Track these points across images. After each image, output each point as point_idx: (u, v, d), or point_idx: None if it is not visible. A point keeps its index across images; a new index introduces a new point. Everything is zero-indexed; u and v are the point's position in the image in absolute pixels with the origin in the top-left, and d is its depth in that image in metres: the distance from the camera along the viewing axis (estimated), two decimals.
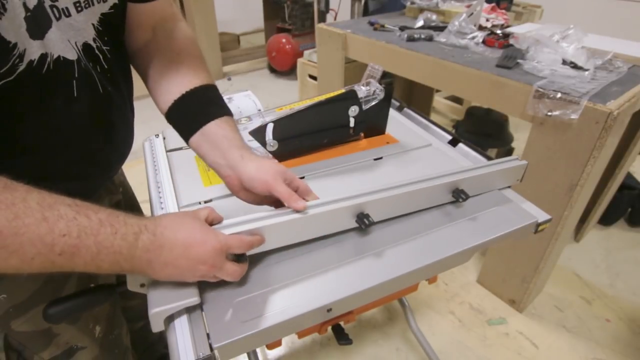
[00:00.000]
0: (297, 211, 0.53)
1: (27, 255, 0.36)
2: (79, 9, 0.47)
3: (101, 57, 0.53)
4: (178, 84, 0.57)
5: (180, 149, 0.86)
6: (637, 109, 1.08)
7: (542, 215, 0.67)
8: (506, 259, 1.36)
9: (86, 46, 0.50)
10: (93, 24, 0.50)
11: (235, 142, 0.55)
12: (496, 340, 1.32)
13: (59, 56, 0.46)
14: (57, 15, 0.45)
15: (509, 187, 0.74)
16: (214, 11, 3.17)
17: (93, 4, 0.49)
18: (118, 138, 0.60)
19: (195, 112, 0.57)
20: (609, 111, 0.93)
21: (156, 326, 0.47)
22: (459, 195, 0.65)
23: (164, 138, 0.89)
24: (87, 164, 0.56)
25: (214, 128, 0.56)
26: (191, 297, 0.48)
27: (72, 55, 0.48)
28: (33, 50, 0.42)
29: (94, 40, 0.51)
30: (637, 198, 1.75)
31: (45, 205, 0.37)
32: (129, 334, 0.80)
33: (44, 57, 0.44)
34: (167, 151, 0.84)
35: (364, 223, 0.57)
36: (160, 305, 0.46)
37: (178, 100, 0.57)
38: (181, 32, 0.63)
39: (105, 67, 0.54)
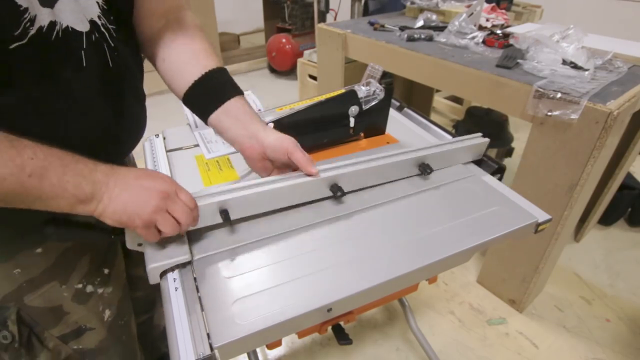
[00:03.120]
0: (310, 175, 0.62)
1: (0, 176, 0.39)
2: None
3: (107, 34, 0.54)
4: (194, 67, 0.62)
5: (181, 149, 0.86)
6: (637, 109, 1.08)
7: (542, 215, 0.67)
8: (506, 259, 1.36)
9: (92, 23, 0.52)
10: (97, 2, 0.52)
11: (255, 116, 0.62)
12: (496, 340, 1.32)
13: (67, 26, 0.48)
14: None
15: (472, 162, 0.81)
16: (214, 11, 3.17)
17: None
18: (129, 115, 0.62)
19: (215, 91, 0.62)
20: (609, 111, 0.93)
21: (153, 279, 0.53)
22: (424, 169, 0.73)
23: (164, 138, 0.89)
24: (99, 134, 0.58)
25: (235, 104, 0.61)
26: (183, 255, 0.53)
27: (81, 27, 0.50)
28: (43, 16, 0.44)
29: (99, 17, 0.53)
30: (637, 198, 1.75)
31: (11, 137, 0.41)
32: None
33: (52, 24, 0.46)
34: (167, 151, 0.84)
35: (337, 192, 0.65)
36: (156, 261, 0.52)
37: (197, 81, 0.61)
38: (191, 19, 0.67)
39: (112, 45, 0.55)
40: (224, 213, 0.58)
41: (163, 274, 0.54)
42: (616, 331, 1.36)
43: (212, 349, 0.45)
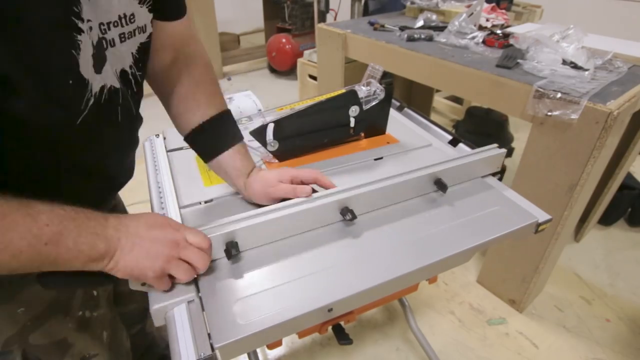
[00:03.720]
0: (308, 196, 0.60)
1: (17, 249, 0.39)
2: (123, 39, 0.50)
3: (133, 81, 0.55)
4: (195, 113, 0.63)
5: (181, 149, 0.86)
6: (637, 109, 1.08)
7: (542, 215, 0.67)
8: (506, 259, 1.36)
9: (122, 72, 0.52)
10: (132, 53, 0.53)
11: (242, 171, 0.64)
12: (496, 340, 1.32)
13: (111, 85, 0.49)
14: (106, 47, 0.47)
15: (492, 175, 0.78)
16: (214, 11, 3.17)
17: (134, 35, 0.52)
18: (131, 155, 0.65)
19: (211, 143, 0.65)
20: (609, 111, 0.93)
21: (158, 321, 0.50)
22: (440, 186, 0.69)
23: (164, 138, 0.89)
24: (118, 176, 0.62)
25: (226, 159, 0.64)
26: (189, 293, 0.51)
27: (117, 83, 0.51)
28: (96, 83, 0.46)
29: (130, 67, 0.54)
30: (637, 198, 1.75)
31: (24, 204, 0.40)
32: (129, 338, 0.81)
33: (102, 88, 0.47)
34: (167, 151, 0.84)
35: (348, 216, 0.62)
36: (160, 302, 0.49)
37: (196, 129, 0.63)
38: (200, 57, 0.66)
39: (135, 90, 0.57)
40: (232, 245, 0.56)
41: None
42: (616, 331, 1.36)
43: (213, 349, 0.45)
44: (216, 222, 0.56)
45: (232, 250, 0.55)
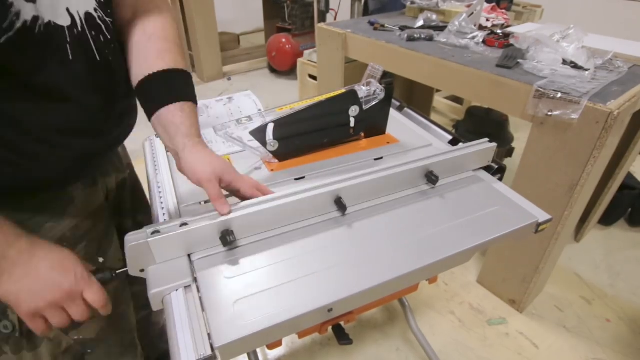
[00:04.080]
0: (222, 214, 0.56)
1: None
2: None
3: (103, 27, 0.55)
4: (142, 68, 0.59)
5: None
6: (638, 108, 1.07)
7: (542, 215, 0.67)
8: (506, 259, 1.36)
9: (88, 15, 0.52)
10: None
11: (182, 130, 0.56)
12: (496, 340, 1.32)
13: (49, 21, 0.48)
14: None
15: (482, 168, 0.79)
16: (214, 11, 3.17)
17: None
18: (119, 106, 0.61)
19: (152, 96, 0.58)
20: (609, 111, 0.93)
21: (155, 305, 0.53)
22: (430, 178, 0.70)
23: None
24: (83, 124, 0.56)
25: (165, 113, 0.57)
26: (185, 278, 0.53)
27: (63, 22, 0.50)
28: (26, 11, 0.45)
29: (95, 10, 0.53)
30: (638, 198, 1.75)
31: None
32: (135, 317, 0.82)
33: (35, 19, 0.46)
34: (167, 151, 0.84)
35: (341, 208, 0.63)
36: (158, 287, 0.52)
37: (139, 83, 0.58)
38: (159, 14, 0.63)
39: (109, 37, 0.55)
40: (226, 234, 0.56)
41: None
42: (616, 331, 1.36)
43: (213, 349, 0.45)
44: (212, 212, 0.57)
45: (227, 237, 0.55)
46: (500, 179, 0.79)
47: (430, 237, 0.62)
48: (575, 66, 1.11)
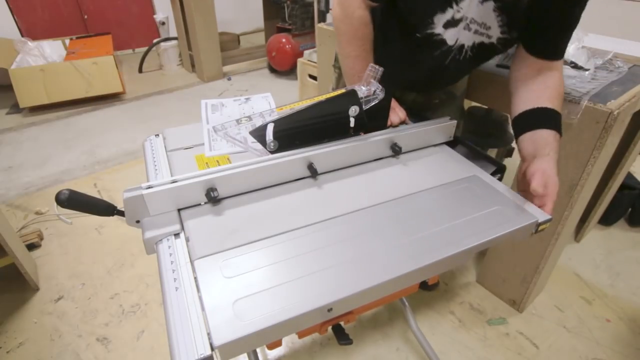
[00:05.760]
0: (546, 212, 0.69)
1: None
2: (473, 31, 0.81)
3: (469, 55, 0.86)
4: (534, 101, 0.79)
5: (181, 148, 0.86)
6: (638, 108, 1.07)
7: (542, 215, 0.68)
8: (506, 259, 1.36)
9: (460, 46, 0.84)
10: (474, 41, 0.83)
11: (550, 149, 0.75)
12: (496, 340, 1.32)
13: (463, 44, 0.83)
14: (462, 24, 0.80)
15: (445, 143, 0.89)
16: (214, 11, 3.17)
17: (481, 35, 0.81)
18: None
19: (535, 121, 0.78)
20: (609, 111, 0.93)
21: (149, 250, 0.60)
22: (395, 149, 0.81)
23: (164, 138, 0.89)
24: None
25: (543, 133, 0.76)
26: (175, 226, 0.62)
27: (450, 42, 0.83)
28: (448, 35, 0.81)
29: (471, 47, 0.84)
30: (638, 198, 1.75)
31: None
32: None
33: (456, 40, 0.82)
34: (167, 151, 0.84)
35: (312, 172, 0.74)
36: (151, 231, 0.60)
37: (530, 109, 0.79)
38: (558, 81, 0.82)
39: (468, 61, 0.88)
40: (210, 190, 0.65)
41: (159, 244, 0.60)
42: (616, 331, 1.36)
43: (212, 348, 0.45)
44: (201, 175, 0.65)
45: (211, 193, 0.65)
46: (500, 179, 0.79)
47: (430, 237, 0.62)
48: (575, 66, 1.11)
